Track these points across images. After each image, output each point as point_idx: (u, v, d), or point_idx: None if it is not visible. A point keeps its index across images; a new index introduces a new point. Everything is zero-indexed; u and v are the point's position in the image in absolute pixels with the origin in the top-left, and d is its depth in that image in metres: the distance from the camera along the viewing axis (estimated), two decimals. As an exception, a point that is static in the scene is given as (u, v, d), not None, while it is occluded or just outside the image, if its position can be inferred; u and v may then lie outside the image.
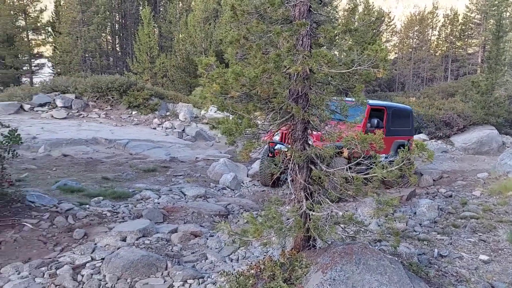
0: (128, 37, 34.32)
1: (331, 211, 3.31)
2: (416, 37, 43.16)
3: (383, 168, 3.12)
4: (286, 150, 5.55)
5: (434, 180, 9.06)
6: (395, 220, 4.85)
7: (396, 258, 3.30)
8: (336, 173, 3.37)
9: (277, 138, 7.44)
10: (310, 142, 3.68)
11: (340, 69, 3.20)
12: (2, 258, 4.58)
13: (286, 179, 8.22)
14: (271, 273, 3.37)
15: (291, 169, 3.68)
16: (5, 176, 6.31)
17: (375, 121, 8.02)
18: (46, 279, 4.10)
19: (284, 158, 5.91)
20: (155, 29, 27.40)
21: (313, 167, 3.60)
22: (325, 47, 3.70)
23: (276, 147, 7.30)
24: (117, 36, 35.79)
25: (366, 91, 28.30)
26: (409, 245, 4.80)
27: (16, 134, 6.28)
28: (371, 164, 3.31)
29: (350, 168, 3.33)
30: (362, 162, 3.35)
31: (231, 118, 3.49)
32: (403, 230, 5.38)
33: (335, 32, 3.29)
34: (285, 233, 3.40)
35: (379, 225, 5.50)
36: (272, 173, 7.73)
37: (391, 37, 44.23)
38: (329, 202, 3.46)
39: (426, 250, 4.85)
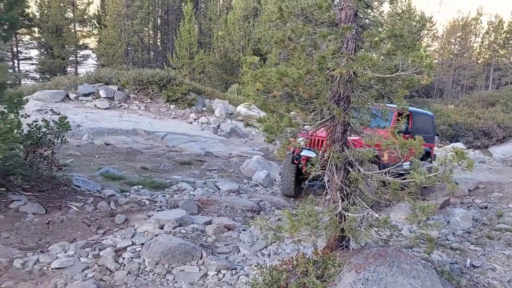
0: (169, 33, 35.14)
1: (367, 213, 3.36)
2: (458, 43, 41.70)
3: (421, 174, 3.14)
4: (315, 156, 5.47)
5: (469, 190, 8.82)
6: (428, 228, 4.81)
7: (430, 264, 3.32)
8: (374, 176, 3.41)
9: (302, 144, 7.24)
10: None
11: (384, 74, 3.24)
12: (50, 237, 4.91)
13: (310, 186, 7.12)
14: (304, 270, 3.46)
15: (328, 170, 3.76)
16: (54, 160, 6.72)
17: (404, 126, 7.84)
18: (90, 259, 4.37)
19: (314, 164, 5.87)
20: (196, 26, 27.93)
21: (350, 169, 3.66)
22: (365, 51, 3.74)
23: (302, 153, 6.87)
24: (159, 31, 36.72)
25: (403, 97, 27.71)
26: (442, 253, 4.77)
27: (65, 121, 6.68)
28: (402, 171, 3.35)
29: (387, 172, 3.37)
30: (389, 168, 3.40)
31: (271, 116, 3.60)
32: (436, 238, 5.33)
33: (381, 36, 3.34)
34: (320, 231, 3.49)
35: (411, 231, 5.47)
36: (296, 181, 7.57)
37: (431, 42, 42.92)
38: (364, 204, 3.51)
39: (459, 259, 4.80)
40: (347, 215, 3.43)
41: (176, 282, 4.07)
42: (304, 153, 6.78)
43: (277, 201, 7.47)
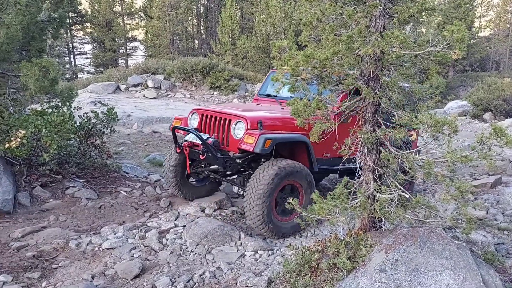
0: (212, 20, 35.48)
1: (398, 194, 3.32)
2: (516, 12, 38.30)
3: (456, 152, 3.04)
4: (204, 141, 4.79)
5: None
6: (474, 208, 4.64)
7: (465, 244, 3.23)
8: (405, 156, 3.35)
9: (194, 123, 5.40)
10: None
11: (413, 50, 3.14)
12: (102, 220, 5.30)
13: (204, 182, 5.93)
14: (336, 250, 3.49)
15: (360, 151, 3.73)
16: (104, 149, 7.17)
17: None
18: (137, 240, 4.68)
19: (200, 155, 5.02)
20: (237, 11, 27.96)
21: (382, 150, 3.60)
22: (400, 26, 3.61)
23: (186, 138, 5.18)
24: (202, 19, 37.18)
25: (455, 71, 26.03)
26: (487, 234, 4.58)
27: (113, 112, 7.07)
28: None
29: (419, 151, 3.29)
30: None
31: (299, 99, 3.61)
32: (481, 218, 5.12)
33: (410, 11, 3.21)
34: (350, 213, 3.49)
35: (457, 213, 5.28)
36: (181, 176, 5.71)
37: (486, 11, 39.73)
38: (397, 184, 3.46)
39: (506, 240, 4.59)
40: (378, 196, 3.41)
41: (215, 261, 4.26)
42: (190, 137, 5.12)
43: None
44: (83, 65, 34.84)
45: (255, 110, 5.67)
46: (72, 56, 34.27)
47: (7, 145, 4.63)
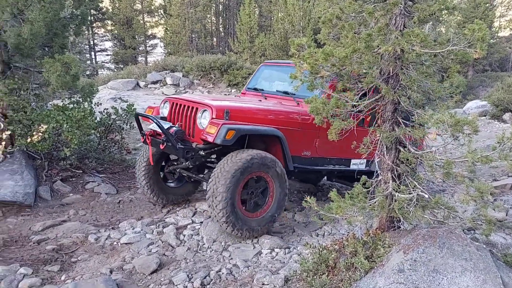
0: (231, 18, 35.55)
1: (417, 194, 3.28)
2: (537, 11, 36.96)
3: (476, 152, 2.98)
4: (164, 129, 4.36)
5: (553, 170, 8.05)
6: (494, 209, 4.54)
7: (484, 246, 3.17)
8: (425, 155, 3.31)
9: (165, 112, 5.07)
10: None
11: (434, 49, 3.10)
12: (120, 215, 5.39)
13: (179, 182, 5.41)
14: (353, 250, 3.48)
15: (378, 150, 3.70)
16: (124, 144, 7.29)
17: None
18: (155, 235, 4.74)
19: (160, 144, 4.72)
20: (256, 9, 27.94)
21: (401, 149, 3.57)
22: (419, 25, 3.56)
23: (151, 126, 4.82)
24: (220, 17, 37.28)
25: (474, 70, 25.41)
26: (507, 236, 4.48)
27: (132, 108, 7.18)
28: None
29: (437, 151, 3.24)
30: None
31: (317, 97, 3.60)
32: (501, 219, 5.01)
33: (431, 9, 3.17)
34: (368, 212, 3.47)
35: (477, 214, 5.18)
36: (154, 174, 5.31)
37: (506, 11, 38.53)
38: (416, 184, 3.42)
39: (528, 243, 4.48)
40: (397, 196, 3.37)
41: (231, 258, 4.28)
42: (153, 125, 4.75)
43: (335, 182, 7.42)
44: (103, 62, 35.40)
45: (227, 100, 5.39)
46: (93, 53, 34.88)
47: (29, 140, 4.76)
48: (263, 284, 3.66)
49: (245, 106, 4.90)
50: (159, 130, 4.58)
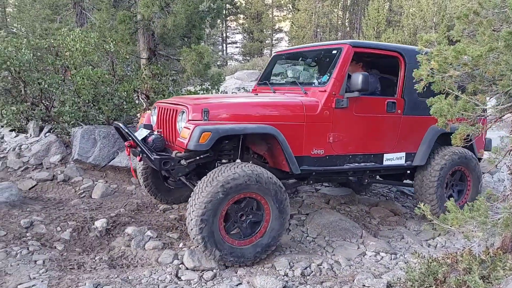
0: (358, 12, 34.57)
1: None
2: None
3: None
4: (136, 139, 3.78)
5: None
6: None
7: None
8: None
9: (155, 119, 4.45)
10: None
11: None
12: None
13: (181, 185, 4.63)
14: (468, 267, 3.19)
15: (508, 160, 3.30)
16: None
17: (360, 79, 4.01)
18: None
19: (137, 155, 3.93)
20: (385, 4, 26.64)
21: (539, 163, 3.13)
22: None
23: (137, 133, 4.14)
24: (347, 12, 36.51)
25: None
26: None
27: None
28: None
29: None
30: None
31: (443, 98, 3.35)
32: None
33: None
34: (490, 229, 3.14)
35: None
36: (154, 175, 4.91)
37: None
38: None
39: None
40: (528, 215, 2.98)
41: (334, 255, 4.27)
42: (139, 133, 4.12)
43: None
44: (232, 54, 37.74)
45: (212, 98, 4.55)
46: (224, 45, 37.41)
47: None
48: (364, 285, 3.58)
49: (229, 102, 4.11)
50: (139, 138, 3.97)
